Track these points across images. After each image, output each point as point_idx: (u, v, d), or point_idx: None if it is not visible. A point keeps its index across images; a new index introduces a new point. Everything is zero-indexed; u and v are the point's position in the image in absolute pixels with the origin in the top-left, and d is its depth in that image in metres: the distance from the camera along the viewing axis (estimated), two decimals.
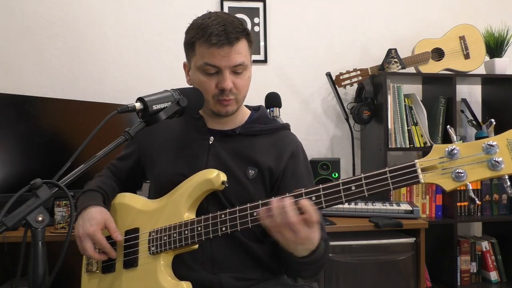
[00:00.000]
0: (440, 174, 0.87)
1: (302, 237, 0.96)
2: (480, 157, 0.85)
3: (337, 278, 1.95)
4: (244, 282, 1.19)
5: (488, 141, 0.85)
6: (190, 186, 1.14)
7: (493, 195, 2.54)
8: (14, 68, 2.43)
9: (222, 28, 1.13)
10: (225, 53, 1.13)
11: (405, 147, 2.42)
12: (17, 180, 1.96)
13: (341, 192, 0.95)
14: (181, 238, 1.09)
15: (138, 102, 1.01)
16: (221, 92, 1.17)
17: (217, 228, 1.06)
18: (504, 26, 2.60)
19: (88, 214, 1.17)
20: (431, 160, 0.88)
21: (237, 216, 1.04)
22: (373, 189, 0.92)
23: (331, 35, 2.71)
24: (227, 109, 1.20)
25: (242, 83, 1.19)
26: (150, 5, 2.56)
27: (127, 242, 1.20)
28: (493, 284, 2.49)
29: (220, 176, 1.12)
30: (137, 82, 2.53)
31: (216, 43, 1.12)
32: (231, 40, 1.13)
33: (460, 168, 0.85)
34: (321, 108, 2.70)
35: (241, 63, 1.16)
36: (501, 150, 0.84)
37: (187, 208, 1.14)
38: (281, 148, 1.25)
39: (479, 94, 2.80)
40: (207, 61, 1.15)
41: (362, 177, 0.94)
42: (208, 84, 1.17)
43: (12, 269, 1.78)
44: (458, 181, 0.86)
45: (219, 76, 1.16)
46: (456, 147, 0.86)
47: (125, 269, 1.18)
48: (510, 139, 0.85)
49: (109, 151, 0.97)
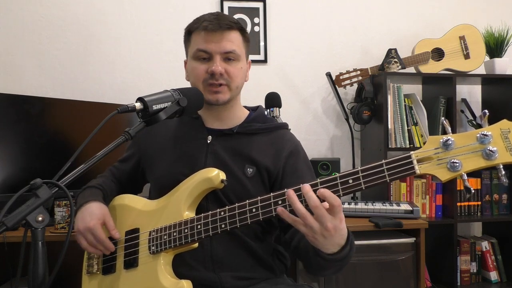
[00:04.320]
0: (435, 165, 0.88)
1: (329, 227, 0.91)
2: (475, 147, 0.86)
3: (337, 278, 1.95)
4: (245, 281, 1.19)
5: (482, 131, 0.86)
6: (190, 186, 1.14)
7: (493, 195, 2.54)
8: (14, 68, 2.43)
9: (215, 17, 1.21)
10: (216, 39, 1.19)
11: (405, 147, 2.42)
12: (17, 180, 1.96)
13: (338, 186, 0.94)
14: (181, 237, 1.09)
15: (138, 102, 1.01)
16: (211, 77, 1.20)
17: (216, 225, 1.06)
18: (504, 26, 2.60)
19: (88, 208, 1.19)
20: (427, 151, 0.89)
21: (236, 213, 1.04)
22: (370, 181, 0.92)
23: (331, 35, 2.71)
24: (217, 96, 1.21)
25: (233, 71, 1.22)
26: (150, 5, 2.56)
27: (128, 242, 1.20)
28: (493, 284, 2.49)
29: (220, 175, 1.12)
30: (137, 82, 2.53)
31: (207, 27, 1.19)
32: (222, 27, 1.19)
33: (455, 158, 0.86)
34: (321, 108, 2.70)
35: (231, 50, 1.20)
36: (495, 139, 0.85)
37: (187, 207, 1.14)
38: (279, 147, 1.26)
39: (479, 94, 2.80)
40: (199, 46, 1.20)
41: (359, 170, 0.93)
42: (199, 70, 1.21)
43: (12, 269, 1.78)
44: (454, 171, 0.87)
45: (210, 62, 1.20)
46: (450, 137, 0.87)
47: (125, 269, 1.18)
48: (504, 129, 0.86)
49: (109, 151, 0.97)
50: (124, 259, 1.19)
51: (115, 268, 1.20)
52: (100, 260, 1.24)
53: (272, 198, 1.00)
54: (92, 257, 1.25)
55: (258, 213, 1.01)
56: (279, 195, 0.99)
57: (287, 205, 0.97)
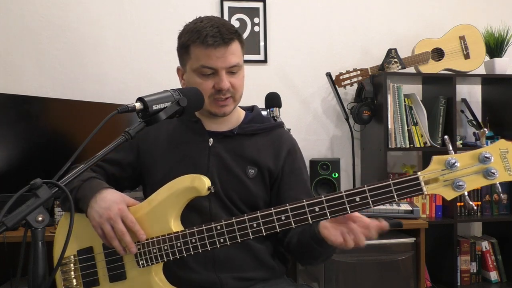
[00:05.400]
0: (442, 186, 0.93)
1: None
2: (477, 168, 0.92)
3: (337, 278, 1.95)
4: (245, 282, 1.19)
5: (483, 152, 0.91)
6: (174, 194, 1.08)
7: (493, 195, 2.54)
8: (14, 68, 2.43)
9: (216, 30, 1.16)
10: (220, 54, 1.16)
11: (405, 147, 2.42)
12: (17, 180, 1.95)
13: (346, 204, 0.96)
14: (174, 251, 1.05)
15: (138, 102, 1.01)
16: (218, 92, 1.19)
17: (214, 240, 1.03)
18: (504, 26, 2.60)
19: (107, 195, 1.10)
20: (433, 173, 0.93)
21: (236, 228, 1.01)
22: (378, 200, 0.95)
23: (331, 35, 2.71)
24: (224, 109, 1.22)
25: (238, 82, 1.22)
26: (150, 5, 2.56)
27: (109, 255, 1.12)
28: (493, 284, 2.49)
29: (206, 183, 1.06)
30: (137, 82, 2.53)
31: (212, 44, 1.15)
32: (226, 41, 1.16)
33: (460, 179, 0.92)
34: (321, 108, 2.70)
35: (236, 63, 1.19)
36: (495, 160, 0.91)
37: (173, 218, 1.08)
38: (278, 147, 1.28)
39: (479, 94, 2.80)
40: (203, 63, 1.17)
41: (366, 189, 0.95)
42: (205, 85, 1.18)
43: (12, 269, 1.78)
44: (459, 191, 0.92)
45: (215, 77, 1.18)
46: (456, 159, 0.92)
47: (111, 282, 1.11)
48: (502, 149, 0.93)
49: (109, 151, 0.97)
50: (109, 274, 1.12)
51: (98, 281, 1.13)
52: (79, 274, 1.15)
53: (275, 214, 0.99)
54: (67, 270, 1.15)
55: (260, 229, 1.00)
56: (280, 211, 0.99)
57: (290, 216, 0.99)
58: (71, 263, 1.15)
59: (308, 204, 0.97)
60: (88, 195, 1.11)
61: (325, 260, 1.21)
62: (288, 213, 0.98)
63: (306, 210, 0.97)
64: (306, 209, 0.97)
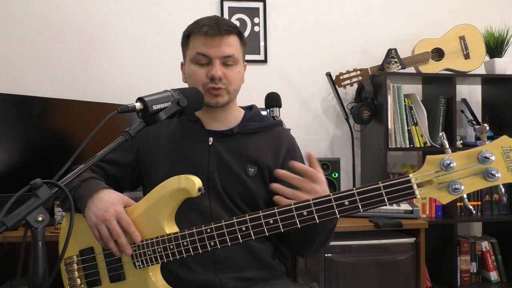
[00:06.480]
0: (436, 189, 0.85)
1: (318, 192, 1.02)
2: (476, 169, 0.83)
3: (337, 278, 1.95)
4: (245, 282, 1.20)
5: (483, 151, 0.82)
6: (164, 196, 1.07)
7: (493, 195, 2.54)
8: (14, 68, 2.43)
9: (214, 21, 1.22)
10: (216, 43, 1.20)
11: (405, 147, 2.42)
12: (17, 180, 1.96)
13: (334, 208, 0.93)
14: (167, 254, 1.05)
15: (138, 102, 1.01)
16: (211, 81, 1.21)
17: (205, 243, 1.02)
18: (504, 26, 2.60)
19: (104, 196, 1.10)
20: (427, 175, 0.85)
21: (225, 231, 1.01)
22: (368, 204, 0.90)
23: (331, 35, 2.71)
24: (217, 99, 1.23)
25: (232, 75, 1.24)
26: (150, 5, 2.56)
27: (108, 256, 1.13)
28: (493, 284, 2.49)
29: (196, 184, 1.04)
30: (137, 82, 2.53)
31: (207, 32, 1.20)
32: (223, 32, 1.20)
33: (456, 181, 0.83)
34: (321, 108, 2.70)
35: (230, 54, 1.22)
36: (496, 159, 0.82)
37: (166, 219, 1.07)
38: (277, 145, 1.29)
39: (479, 94, 2.80)
40: (199, 50, 1.21)
41: (355, 192, 0.91)
42: (198, 74, 1.22)
43: (12, 269, 1.78)
44: (455, 194, 0.84)
45: (209, 67, 1.22)
46: (451, 159, 0.83)
47: (112, 283, 1.13)
48: (505, 147, 0.82)
49: (109, 151, 0.97)
50: (109, 274, 1.13)
51: (100, 281, 1.14)
52: (82, 274, 1.16)
53: (263, 218, 0.98)
54: (71, 270, 1.17)
55: (249, 232, 0.99)
56: (268, 215, 0.98)
57: (278, 220, 0.97)
58: (74, 263, 1.16)
59: (296, 207, 0.96)
60: (86, 195, 1.11)
61: (324, 244, 1.20)
62: (276, 216, 0.97)
63: (294, 213, 0.96)
64: (294, 212, 0.96)
